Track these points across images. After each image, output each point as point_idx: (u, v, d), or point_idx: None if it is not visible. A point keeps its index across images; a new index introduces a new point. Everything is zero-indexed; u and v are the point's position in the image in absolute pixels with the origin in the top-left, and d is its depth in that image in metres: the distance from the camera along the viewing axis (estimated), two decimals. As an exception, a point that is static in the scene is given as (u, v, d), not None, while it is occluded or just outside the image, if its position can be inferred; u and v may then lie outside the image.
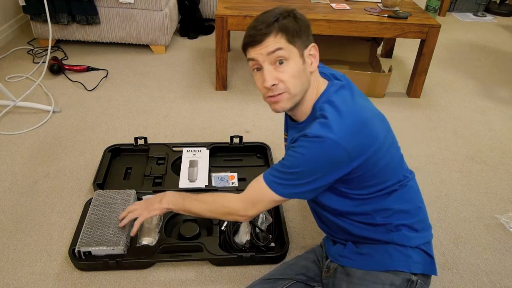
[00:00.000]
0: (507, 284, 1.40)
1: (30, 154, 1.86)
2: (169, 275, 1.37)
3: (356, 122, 0.98)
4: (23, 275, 1.34)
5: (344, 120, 0.97)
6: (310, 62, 1.05)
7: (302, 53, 1.02)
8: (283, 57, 1.00)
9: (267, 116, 2.22)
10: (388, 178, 1.05)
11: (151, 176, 1.69)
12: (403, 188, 1.08)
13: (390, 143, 1.06)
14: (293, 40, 1.00)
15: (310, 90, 1.06)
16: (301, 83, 1.03)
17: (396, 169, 1.08)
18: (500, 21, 3.94)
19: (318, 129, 0.96)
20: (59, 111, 2.17)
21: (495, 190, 1.81)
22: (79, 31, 2.72)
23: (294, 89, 1.02)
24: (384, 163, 1.03)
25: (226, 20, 2.21)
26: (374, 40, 2.75)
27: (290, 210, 1.63)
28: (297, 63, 1.01)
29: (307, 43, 1.04)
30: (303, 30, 1.02)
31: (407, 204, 1.09)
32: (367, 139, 0.98)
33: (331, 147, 0.94)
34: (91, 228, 1.38)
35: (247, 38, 1.02)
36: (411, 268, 1.06)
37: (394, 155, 1.08)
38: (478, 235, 1.58)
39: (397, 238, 1.08)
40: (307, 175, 0.99)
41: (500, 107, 2.46)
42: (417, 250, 1.09)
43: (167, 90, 2.41)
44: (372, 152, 0.99)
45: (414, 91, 2.46)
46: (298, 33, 1.01)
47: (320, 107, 1.02)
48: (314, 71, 1.06)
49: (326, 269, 1.18)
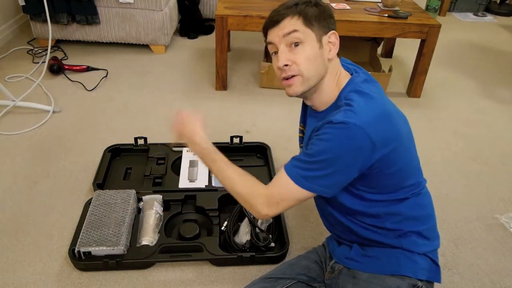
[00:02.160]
0: (507, 284, 1.40)
1: (30, 154, 1.86)
2: (169, 275, 1.36)
3: (381, 112, 0.97)
4: (23, 275, 1.34)
5: (369, 109, 0.96)
6: (328, 49, 1.03)
7: (320, 38, 1.02)
8: (299, 40, 1.00)
9: (267, 116, 2.22)
10: (405, 181, 1.05)
11: (151, 176, 1.69)
12: (417, 195, 1.08)
13: (410, 145, 1.06)
14: (310, 24, 1.00)
15: (328, 77, 1.05)
16: (315, 67, 1.02)
17: (414, 173, 1.08)
18: (500, 21, 3.94)
19: (344, 115, 0.94)
20: (59, 111, 2.16)
21: (495, 190, 1.81)
22: (79, 31, 2.72)
23: (307, 72, 1.01)
24: (403, 163, 1.02)
25: (226, 20, 2.21)
26: (374, 40, 2.75)
27: (290, 210, 1.63)
28: (313, 47, 1.01)
29: (327, 29, 1.03)
30: (323, 16, 1.02)
31: (419, 211, 1.09)
32: (391, 132, 0.97)
33: (356, 133, 0.93)
34: (91, 228, 1.38)
35: (267, 20, 1.05)
36: (417, 274, 1.06)
37: (413, 158, 1.08)
38: (478, 235, 1.58)
39: (406, 244, 1.08)
40: (332, 163, 0.96)
41: (500, 107, 2.46)
42: (424, 257, 1.08)
43: (167, 90, 2.41)
44: (394, 146, 0.98)
45: (414, 91, 2.46)
46: (317, 18, 1.01)
47: (346, 96, 1.01)
48: (332, 58, 1.05)
49: (330, 270, 1.18)
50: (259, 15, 2.20)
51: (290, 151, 1.96)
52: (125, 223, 1.40)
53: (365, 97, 0.98)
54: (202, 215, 1.54)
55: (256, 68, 2.70)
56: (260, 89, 2.48)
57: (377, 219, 1.07)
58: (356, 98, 0.98)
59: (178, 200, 1.57)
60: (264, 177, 1.76)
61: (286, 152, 1.95)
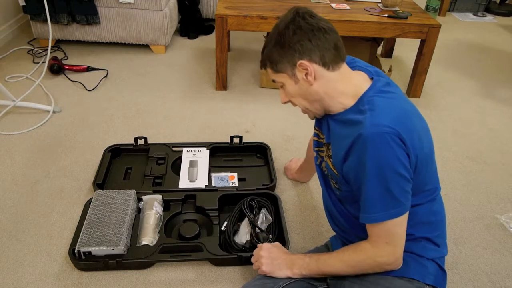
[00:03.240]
0: (507, 284, 1.40)
1: (30, 154, 1.86)
2: (169, 275, 1.37)
3: (402, 112, 0.98)
4: (23, 275, 1.34)
5: (391, 109, 0.96)
6: (302, 77, 1.02)
7: (292, 73, 1.02)
8: (280, 83, 1.07)
9: (267, 116, 2.22)
10: (423, 186, 1.04)
11: (151, 176, 1.69)
12: (432, 201, 1.08)
13: (430, 149, 1.05)
14: (277, 68, 1.04)
15: (331, 91, 1.03)
16: (304, 98, 1.06)
17: (433, 178, 1.08)
18: (500, 21, 3.94)
19: (371, 122, 0.93)
20: (59, 111, 2.17)
21: (495, 190, 1.81)
22: (79, 31, 2.72)
23: (302, 105, 1.09)
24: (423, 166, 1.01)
25: (226, 20, 2.21)
26: (374, 40, 2.75)
27: (290, 210, 1.63)
28: (290, 84, 1.05)
29: (292, 63, 1.01)
30: (284, 53, 1.01)
31: (432, 217, 1.09)
32: (414, 132, 0.97)
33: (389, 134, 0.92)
34: (91, 228, 1.38)
35: None
36: (425, 279, 1.06)
37: (433, 162, 1.08)
38: (478, 235, 1.58)
39: (415, 248, 1.08)
40: (392, 175, 0.95)
41: (500, 107, 2.46)
42: (432, 262, 1.08)
43: (167, 90, 2.41)
44: (417, 147, 0.97)
45: (414, 91, 2.46)
46: (280, 59, 1.02)
47: (369, 100, 0.99)
48: (313, 81, 1.02)
49: None
50: (259, 15, 2.20)
51: (290, 151, 1.96)
52: (125, 223, 1.40)
53: (388, 100, 0.99)
54: (202, 215, 1.54)
55: (256, 68, 2.70)
56: (260, 89, 2.48)
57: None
58: (379, 101, 0.97)
59: (178, 200, 1.57)
60: (264, 177, 1.76)
61: (286, 152, 1.95)
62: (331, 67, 1.01)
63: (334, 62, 1.01)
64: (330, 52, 1.00)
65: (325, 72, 1.01)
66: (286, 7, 2.33)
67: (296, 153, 1.95)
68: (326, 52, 1.00)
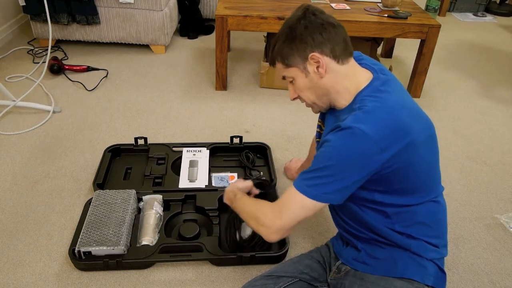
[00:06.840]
0: (507, 284, 1.40)
1: (30, 154, 1.86)
2: (169, 275, 1.37)
3: (389, 115, 0.97)
4: (23, 275, 1.34)
5: (378, 113, 0.96)
6: (313, 70, 1.04)
7: (304, 67, 1.04)
8: (290, 79, 1.09)
9: (267, 116, 2.22)
10: (422, 186, 1.04)
11: (151, 176, 1.69)
12: (432, 201, 1.08)
13: (429, 147, 1.05)
14: (288, 62, 1.06)
15: (339, 86, 1.05)
16: (313, 92, 1.08)
17: (433, 177, 1.08)
18: (500, 21, 3.94)
19: (352, 120, 0.95)
20: (59, 111, 2.17)
21: (495, 190, 1.81)
22: (79, 31, 2.72)
23: (310, 100, 1.10)
24: (418, 165, 1.01)
25: (226, 20, 2.21)
26: (374, 40, 2.75)
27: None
28: (301, 78, 1.07)
29: (303, 57, 1.03)
30: (295, 47, 1.03)
31: (432, 217, 1.09)
32: (400, 130, 0.96)
33: (361, 138, 0.93)
34: (91, 228, 1.38)
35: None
36: (424, 279, 1.06)
37: (433, 161, 1.08)
38: (478, 235, 1.58)
39: (414, 247, 1.08)
40: (338, 169, 0.96)
41: (500, 107, 2.46)
42: (431, 263, 1.08)
43: (167, 90, 2.41)
44: (405, 144, 0.96)
45: (414, 91, 2.46)
46: (291, 53, 1.04)
47: (361, 100, 1.01)
48: (324, 74, 1.04)
49: (336, 270, 1.17)
50: (259, 15, 2.21)
51: (290, 151, 1.96)
52: (125, 223, 1.40)
53: (377, 102, 0.98)
54: (202, 215, 1.54)
55: (256, 68, 2.70)
56: (260, 89, 2.48)
57: (386, 220, 1.07)
58: (368, 103, 0.98)
59: (178, 200, 1.57)
60: (264, 177, 1.76)
61: (286, 152, 1.95)
62: (340, 61, 1.04)
63: (344, 55, 1.04)
64: (340, 46, 1.03)
65: (335, 65, 1.04)
66: (286, 7, 2.35)
67: (296, 153, 1.95)
68: (337, 45, 1.03)
